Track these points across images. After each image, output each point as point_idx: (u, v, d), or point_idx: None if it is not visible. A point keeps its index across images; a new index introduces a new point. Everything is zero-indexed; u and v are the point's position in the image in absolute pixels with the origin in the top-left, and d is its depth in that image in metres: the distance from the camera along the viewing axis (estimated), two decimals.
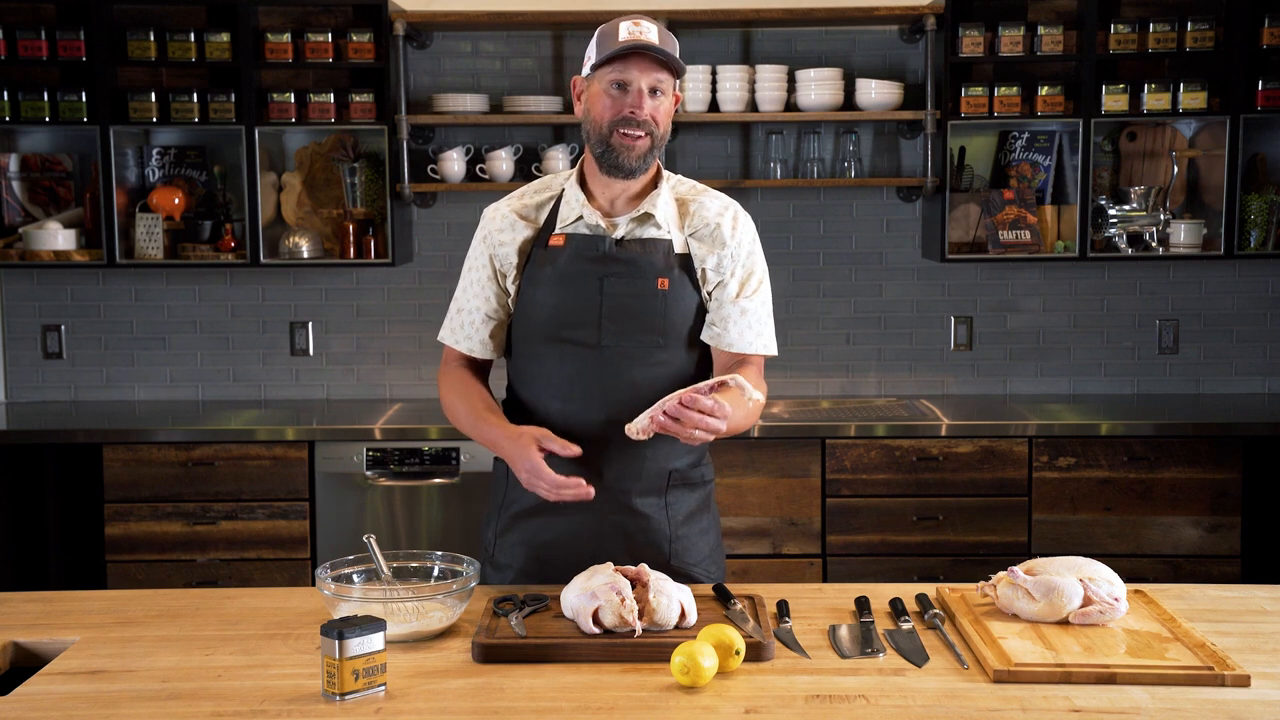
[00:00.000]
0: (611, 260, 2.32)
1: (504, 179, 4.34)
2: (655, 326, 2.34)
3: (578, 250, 2.34)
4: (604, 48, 2.29)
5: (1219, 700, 1.80)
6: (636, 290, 2.32)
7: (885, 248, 4.58)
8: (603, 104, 2.30)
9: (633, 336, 2.33)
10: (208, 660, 1.98)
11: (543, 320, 2.35)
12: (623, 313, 2.32)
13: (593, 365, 2.33)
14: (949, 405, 4.38)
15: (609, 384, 2.33)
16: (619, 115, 2.28)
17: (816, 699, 1.82)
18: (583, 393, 2.33)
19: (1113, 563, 2.34)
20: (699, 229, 2.37)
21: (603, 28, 2.32)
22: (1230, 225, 4.22)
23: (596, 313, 2.32)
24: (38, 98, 4.21)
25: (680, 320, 2.36)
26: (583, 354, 2.33)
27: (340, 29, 4.30)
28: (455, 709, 1.79)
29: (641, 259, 2.33)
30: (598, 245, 2.33)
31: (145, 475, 4.00)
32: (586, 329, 2.32)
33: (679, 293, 2.34)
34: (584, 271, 2.32)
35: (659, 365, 2.35)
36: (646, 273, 2.32)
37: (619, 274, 2.32)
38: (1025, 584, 2.10)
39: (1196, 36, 4.17)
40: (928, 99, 4.24)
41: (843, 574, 4.00)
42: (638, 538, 2.37)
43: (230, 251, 4.34)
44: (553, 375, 2.35)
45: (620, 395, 2.32)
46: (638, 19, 2.29)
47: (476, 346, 2.43)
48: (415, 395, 4.60)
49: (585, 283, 2.32)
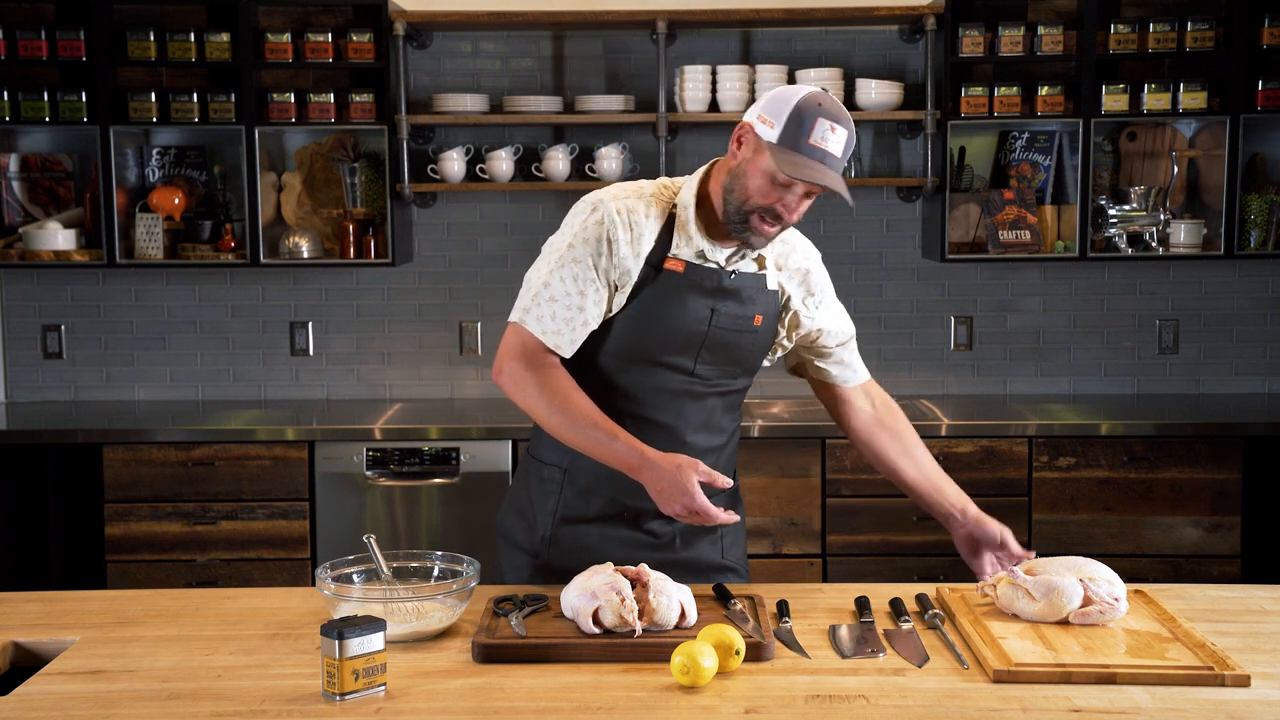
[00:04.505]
0: (724, 293, 2.32)
1: (504, 179, 4.34)
2: (744, 359, 2.38)
3: (696, 280, 2.30)
4: (790, 131, 2.15)
5: (1219, 700, 1.80)
6: (738, 325, 2.34)
7: (885, 248, 4.57)
8: (759, 184, 2.20)
9: (723, 365, 2.36)
10: (208, 660, 1.98)
11: (641, 340, 2.30)
12: (721, 344, 2.34)
13: (681, 388, 2.35)
14: (949, 405, 4.38)
15: (692, 406, 2.36)
16: (769, 205, 2.20)
17: (816, 699, 1.82)
18: (666, 411, 2.34)
19: (1113, 563, 2.34)
20: (790, 268, 2.41)
21: (802, 102, 2.16)
22: (1230, 225, 4.22)
23: (699, 341, 2.32)
24: (38, 98, 4.21)
25: (761, 353, 2.42)
26: (674, 377, 2.34)
27: (340, 29, 4.30)
28: (455, 709, 1.79)
29: (745, 294, 2.34)
30: (714, 278, 2.31)
31: (145, 475, 3.99)
32: (685, 355, 2.33)
33: (767, 328, 2.39)
34: (696, 301, 2.30)
35: (734, 391, 2.42)
36: (749, 309, 2.34)
37: (728, 308, 2.32)
38: (1025, 584, 2.10)
39: (1196, 36, 4.17)
40: (928, 99, 4.24)
41: (843, 574, 4.00)
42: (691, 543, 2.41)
43: (230, 251, 4.34)
44: (638, 391, 2.34)
45: (695, 416, 2.37)
46: (837, 124, 2.16)
47: (566, 345, 2.28)
48: (415, 395, 4.60)
49: (698, 313, 2.30)
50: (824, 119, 2.15)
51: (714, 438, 2.40)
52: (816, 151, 2.15)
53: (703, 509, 2.15)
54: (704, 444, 2.38)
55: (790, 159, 2.15)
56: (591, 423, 2.23)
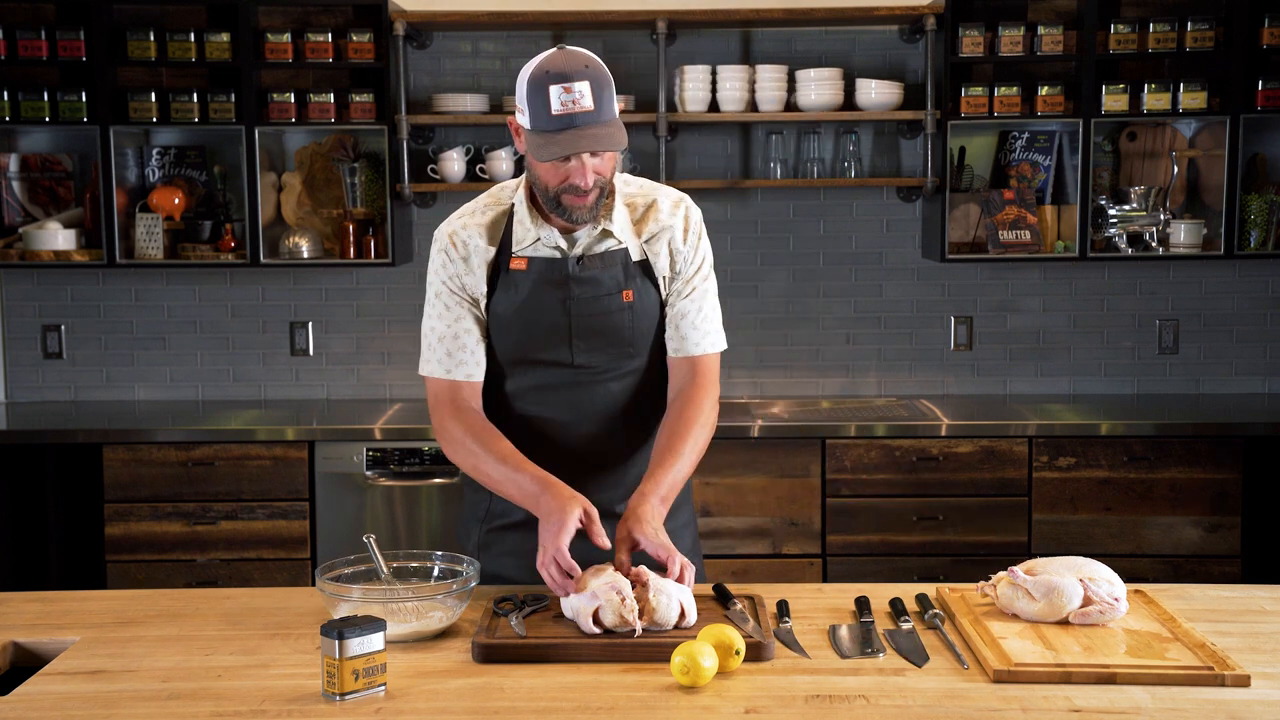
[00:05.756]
0: (575, 281, 2.30)
1: (504, 179, 4.32)
2: (625, 339, 2.34)
3: (541, 274, 2.29)
4: (535, 111, 2.13)
5: (1219, 700, 1.80)
6: (603, 307, 2.31)
7: (885, 248, 4.58)
8: (541, 169, 2.20)
9: (604, 351, 2.33)
10: (208, 660, 1.98)
11: (512, 343, 2.33)
12: (591, 330, 2.31)
13: (567, 381, 2.34)
14: (949, 405, 4.38)
15: (584, 398, 2.35)
16: (563, 184, 2.19)
17: (816, 699, 1.82)
18: (560, 407, 2.35)
19: (1113, 563, 2.34)
20: (655, 233, 2.34)
21: (531, 79, 2.14)
22: (1230, 225, 4.22)
23: (566, 333, 2.31)
24: (38, 98, 4.21)
25: (647, 328, 2.36)
26: (556, 372, 2.34)
27: (340, 29, 4.30)
28: (455, 709, 1.79)
29: (604, 275, 2.30)
30: (560, 268, 2.29)
31: (145, 475, 4.00)
32: (558, 349, 2.32)
33: (643, 302, 2.34)
34: (549, 295, 2.30)
35: (631, 374, 2.37)
36: (610, 288, 2.31)
37: (584, 294, 2.30)
38: (1025, 584, 2.10)
39: (1196, 36, 4.17)
40: (928, 99, 4.24)
41: (843, 574, 4.00)
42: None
43: (230, 251, 4.34)
44: (529, 392, 2.36)
45: (597, 407, 2.35)
46: (569, 81, 2.10)
47: (475, 370, 2.34)
48: (415, 395, 4.60)
49: (551, 305, 2.30)
50: (555, 84, 2.11)
51: (620, 425, 2.36)
52: (562, 120, 2.11)
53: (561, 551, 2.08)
54: (609, 432, 2.35)
55: (539, 141, 2.15)
56: (506, 458, 2.25)
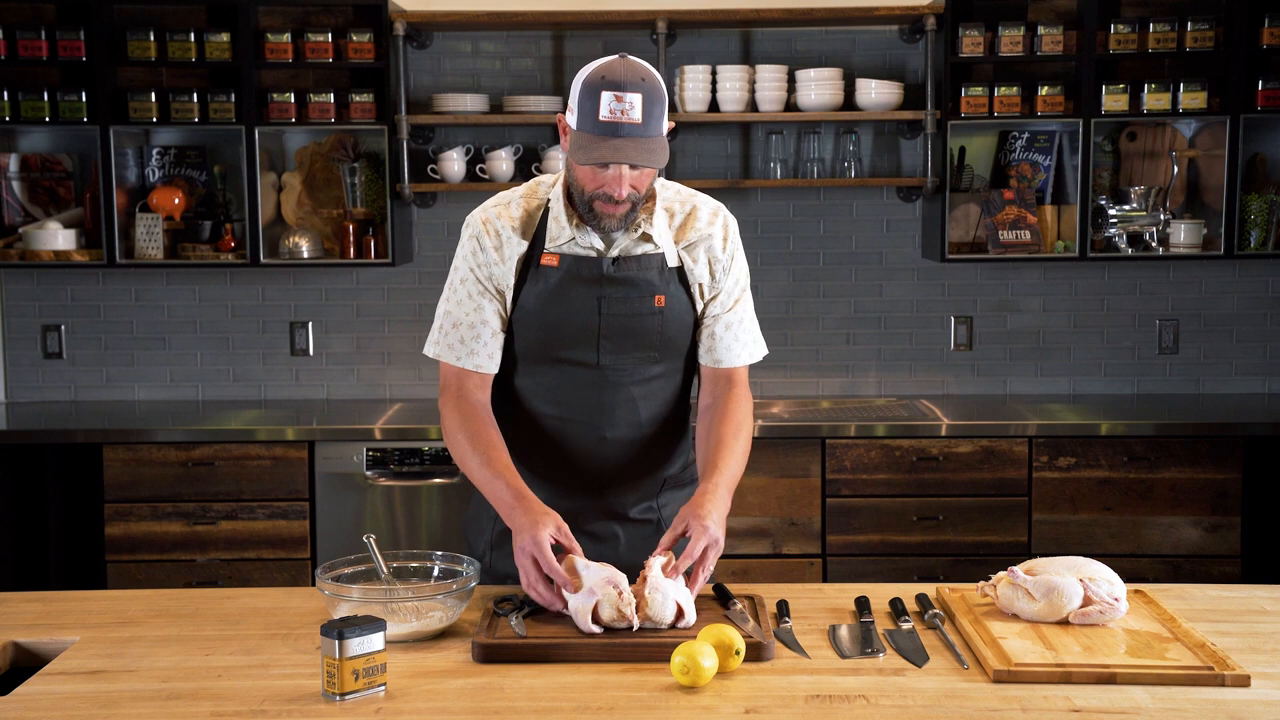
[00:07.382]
0: (608, 281, 2.28)
1: (504, 179, 4.34)
2: (653, 343, 2.32)
3: (573, 271, 2.28)
4: (584, 114, 2.13)
5: (1219, 700, 1.80)
6: (634, 310, 2.29)
7: (885, 248, 4.57)
8: (581, 172, 2.19)
9: (630, 354, 2.32)
10: (208, 660, 1.98)
11: (538, 339, 2.31)
12: (620, 332, 2.30)
13: (590, 381, 2.32)
14: (949, 405, 4.38)
15: (607, 400, 2.33)
16: (598, 189, 2.18)
17: (816, 699, 1.82)
18: (580, 408, 2.34)
19: (1113, 563, 2.34)
20: (693, 241, 2.32)
21: (586, 81, 2.14)
22: (1230, 225, 4.22)
23: (595, 333, 2.29)
24: (38, 98, 4.21)
25: (676, 334, 2.34)
26: (580, 372, 2.32)
27: (340, 29, 4.30)
28: (455, 709, 1.79)
29: (638, 277, 2.28)
30: (593, 266, 2.28)
31: (145, 475, 4.00)
32: (584, 348, 2.30)
33: (675, 308, 2.32)
34: (580, 293, 2.28)
35: (655, 378, 2.36)
36: (644, 291, 2.29)
37: (616, 295, 2.28)
38: (1025, 584, 2.10)
39: (1196, 36, 4.17)
40: (928, 99, 4.24)
41: (843, 574, 4.00)
42: (635, 543, 2.39)
43: (230, 251, 4.34)
44: (549, 390, 2.35)
45: (618, 410, 2.34)
46: (622, 90, 2.10)
47: (485, 363, 2.32)
48: (415, 395, 4.60)
49: (582, 304, 2.28)
50: (608, 90, 2.10)
51: (639, 430, 2.36)
52: (608, 127, 2.11)
53: (543, 556, 2.07)
54: (627, 437, 2.35)
55: (581, 143, 2.14)
56: (490, 463, 2.24)
